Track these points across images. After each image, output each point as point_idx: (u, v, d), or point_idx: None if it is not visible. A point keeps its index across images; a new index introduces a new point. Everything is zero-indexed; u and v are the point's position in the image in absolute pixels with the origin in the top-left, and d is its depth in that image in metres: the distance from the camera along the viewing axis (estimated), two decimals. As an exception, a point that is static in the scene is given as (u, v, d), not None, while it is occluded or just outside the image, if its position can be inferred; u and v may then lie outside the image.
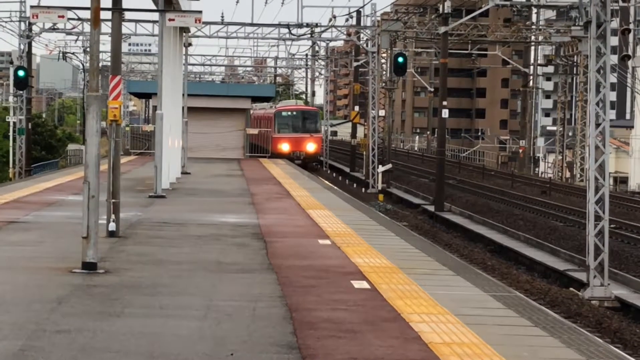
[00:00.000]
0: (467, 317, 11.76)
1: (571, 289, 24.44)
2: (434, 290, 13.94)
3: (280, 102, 79.43)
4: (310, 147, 66.04)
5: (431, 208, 45.12)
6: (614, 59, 35.05)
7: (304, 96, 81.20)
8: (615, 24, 33.72)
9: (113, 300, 12.91)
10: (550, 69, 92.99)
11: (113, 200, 19.39)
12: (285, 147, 65.11)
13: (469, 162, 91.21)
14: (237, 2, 70.51)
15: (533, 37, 68.82)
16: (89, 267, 14.97)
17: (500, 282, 18.66)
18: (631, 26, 61.54)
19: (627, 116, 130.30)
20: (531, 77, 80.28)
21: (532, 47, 76.54)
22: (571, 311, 21.47)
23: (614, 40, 32.90)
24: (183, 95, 40.18)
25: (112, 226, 19.27)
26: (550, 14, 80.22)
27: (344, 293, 13.62)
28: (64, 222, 22.29)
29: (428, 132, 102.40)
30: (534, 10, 71.66)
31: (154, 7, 29.31)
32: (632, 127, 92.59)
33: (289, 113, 69.16)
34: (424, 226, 39.65)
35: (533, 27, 69.63)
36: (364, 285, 14.21)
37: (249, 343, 10.42)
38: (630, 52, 49.54)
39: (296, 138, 66.53)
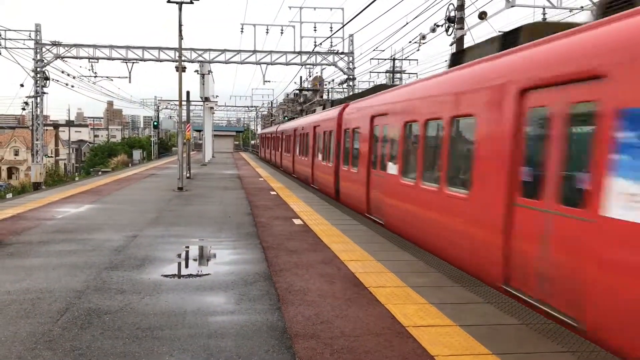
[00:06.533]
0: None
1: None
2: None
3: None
4: None
5: None
6: None
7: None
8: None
9: (188, 199, 20.33)
10: None
11: (189, 166, 29.77)
12: None
13: None
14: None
15: None
16: (180, 190, 23.90)
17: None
18: None
19: None
20: None
21: None
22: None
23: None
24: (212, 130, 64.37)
25: (188, 174, 29.47)
26: None
27: (267, 195, 22.44)
28: (169, 175, 31.94)
29: None
30: None
31: (201, 102, 47.21)
32: None
33: None
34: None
35: None
36: (274, 193, 22.95)
37: (236, 213, 16.15)
38: None
39: None
